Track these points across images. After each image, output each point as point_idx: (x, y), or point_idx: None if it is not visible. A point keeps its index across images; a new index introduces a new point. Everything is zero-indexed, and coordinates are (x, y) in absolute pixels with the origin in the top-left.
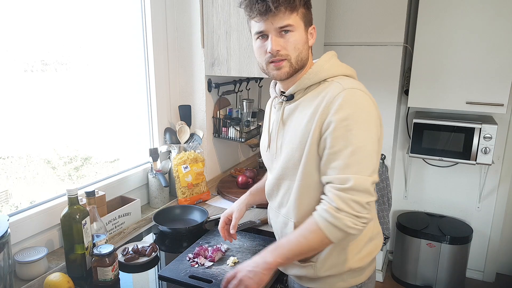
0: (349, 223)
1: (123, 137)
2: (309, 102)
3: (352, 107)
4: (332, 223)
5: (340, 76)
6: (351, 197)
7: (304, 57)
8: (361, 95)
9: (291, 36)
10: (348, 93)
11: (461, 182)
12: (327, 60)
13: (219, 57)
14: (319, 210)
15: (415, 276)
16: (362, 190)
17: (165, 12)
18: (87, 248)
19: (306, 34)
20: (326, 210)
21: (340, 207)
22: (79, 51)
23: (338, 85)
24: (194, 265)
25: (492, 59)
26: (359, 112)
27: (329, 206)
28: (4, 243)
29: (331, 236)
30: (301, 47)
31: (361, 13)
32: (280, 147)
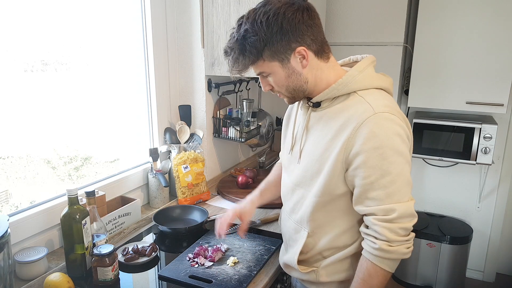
0: (404, 250)
1: (123, 137)
2: (336, 114)
3: (384, 134)
4: (391, 258)
5: (372, 90)
6: (399, 225)
7: (298, 85)
8: (392, 118)
9: (270, 78)
10: (379, 118)
11: (461, 182)
12: (362, 70)
13: (219, 57)
14: (370, 250)
15: (415, 276)
16: (407, 216)
17: (165, 12)
18: (87, 248)
19: (286, 68)
20: (380, 249)
21: (392, 239)
22: (79, 51)
23: (368, 107)
24: (194, 265)
25: (492, 59)
26: (392, 138)
27: (380, 242)
28: (4, 243)
29: (393, 269)
30: (285, 83)
31: (361, 13)
32: (301, 152)
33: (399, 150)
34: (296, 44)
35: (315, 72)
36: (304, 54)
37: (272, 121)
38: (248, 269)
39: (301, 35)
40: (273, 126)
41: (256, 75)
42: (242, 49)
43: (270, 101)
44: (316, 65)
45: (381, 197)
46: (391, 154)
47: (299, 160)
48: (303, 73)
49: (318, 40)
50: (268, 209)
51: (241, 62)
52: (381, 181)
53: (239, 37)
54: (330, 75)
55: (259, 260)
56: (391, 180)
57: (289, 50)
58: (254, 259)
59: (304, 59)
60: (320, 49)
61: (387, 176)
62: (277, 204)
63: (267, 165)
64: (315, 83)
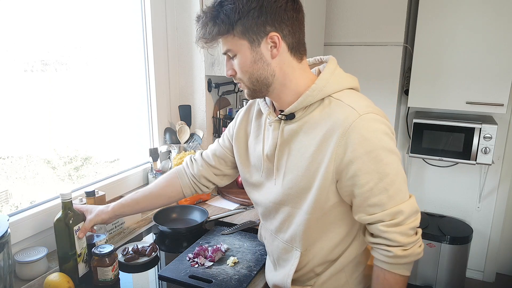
0: (418, 250)
1: (123, 137)
2: (315, 123)
3: (374, 136)
4: (407, 262)
5: (346, 91)
6: (408, 226)
7: (262, 75)
8: (377, 119)
9: (235, 59)
10: (366, 120)
11: (461, 182)
12: (332, 71)
13: (219, 57)
14: (385, 259)
15: (415, 276)
16: (414, 214)
17: (165, 12)
18: (79, 255)
19: (254, 52)
20: (396, 256)
21: (405, 242)
22: (79, 51)
23: (350, 110)
24: (194, 265)
25: (492, 59)
26: (382, 138)
27: (395, 249)
28: (4, 243)
29: (410, 271)
30: (250, 69)
31: (361, 13)
32: (279, 171)
33: (391, 149)
34: (271, 28)
35: (285, 68)
36: (277, 42)
37: None
38: (248, 269)
39: (279, 22)
40: None
41: (222, 53)
42: (214, 16)
43: None
44: (288, 61)
45: (384, 201)
46: (385, 154)
47: (279, 177)
48: (271, 63)
49: (296, 36)
50: None
51: (209, 29)
52: (381, 184)
53: (215, 3)
54: (301, 77)
55: (259, 260)
56: (390, 181)
57: (262, 32)
58: (254, 259)
59: (275, 48)
60: (296, 46)
61: (385, 178)
62: None
63: None
64: (282, 82)
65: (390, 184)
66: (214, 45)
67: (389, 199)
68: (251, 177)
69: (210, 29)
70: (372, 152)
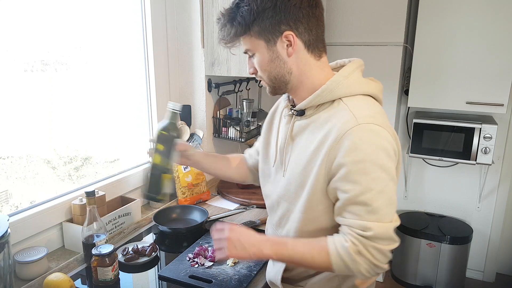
0: (363, 270)
1: (123, 137)
2: (321, 124)
3: (367, 147)
4: (346, 264)
5: (359, 97)
6: (374, 244)
7: (280, 73)
8: (377, 130)
9: (254, 58)
10: (362, 130)
11: (461, 182)
12: (347, 75)
13: (219, 57)
14: (339, 243)
15: (415, 276)
16: (385, 239)
17: (165, 12)
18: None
19: (271, 51)
20: (347, 249)
21: (362, 251)
22: (79, 51)
23: (351, 117)
24: (194, 265)
25: (492, 59)
26: (376, 152)
27: (351, 245)
28: (4, 243)
29: (337, 271)
30: (268, 67)
31: (361, 13)
32: (286, 165)
33: (383, 166)
34: (285, 27)
35: (302, 65)
36: (292, 40)
37: None
38: (248, 269)
39: (294, 20)
40: None
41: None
42: (232, 18)
43: (270, 101)
44: (305, 58)
45: (360, 213)
46: (374, 169)
47: (284, 172)
48: (287, 61)
49: (313, 33)
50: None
51: (227, 31)
52: (361, 198)
53: (233, 5)
54: (318, 75)
55: (259, 260)
56: (372, 197)
57: (277, 31)
58: None
59: (290, 46)
60: (313, 43)
61: (367, 193)
62: None
63: None
64: (299, 79)
65: (371, 200)
66: (236, 45)
67: (365, 213)
68: (266, 168)
69: (228, 30)
70: (361, 163)
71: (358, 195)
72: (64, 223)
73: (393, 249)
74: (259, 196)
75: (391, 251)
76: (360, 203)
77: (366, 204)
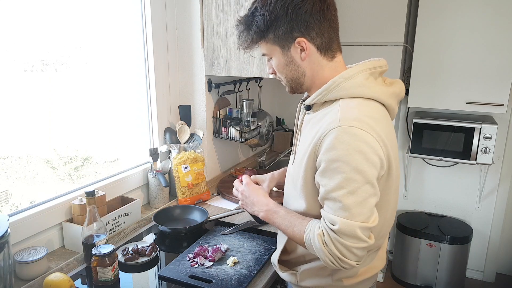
0: (326, 260)
1: (123, 137)
2: (317, 121)
3: (343, 148)
4: (314, 249)
5: (357, 100)
6: (338, 238)
7: (295, 75)
8: (358, 134)
9: (272, 61)
10: (342, 131)
11: (461, 182)
12: (349, 76)
13: (219, 57)
14: (314, 228)
15: (415, 276)
16: (349, 236)
17: (165, 12)
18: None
19: (286, 56)
20: (317, 235)
21: (328, 242)
22: (79, 51)
23: (336, 118)
24: (194, 265)
25: (492, 59)
26: (351, 154)
27: (320, 233)
28: (4, 243)
29: (310, 251)
30: (284, 70)
31: (361, 13)
32: (295, 153)
33: (357, 168)
34: (298, 34)
35: (315, 67)
36: (304, 46)
37: (272, 121)
38: (248, 269)
39: (305, 27)
40: (273, 126)
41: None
42: (248, 26)
43: (270, 101)
44: (317, 60)
45: (332, 207)
46: (347, 170)
47: (293, 161)
48: (301, 65)
49: (325, 36)
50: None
51: (245, 38)
52: (333, 194)
53: (249, 13)
54: (330, 75)
55: (259, 260)
56: (342, 195)
57: (290, 38)
58: (254, 259)
59: (303, 52)
60: (326, 46)
61: (338, 190)
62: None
63: (267, 165)
64: (312, 80)
65: (341, 197)
66: (255, 48)
67: (336, 209)
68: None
69: (246, 38)
70: (335, 162)
71: (330, 190)
72: (64, 223)
73: (362, 248)
74: None
75: (360, 250)
76: (332, 198)
77: (337, 201)
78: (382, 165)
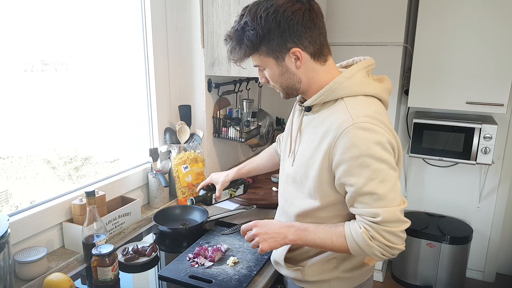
0: (377, 253)
1: (123, 137)
2: (321, 121)
3: (363, 144)
4: (362, 248)
5: (360, 98)
6: (384, 228)
7: (290, 83)
8: (371, 128)
9: (266, 72)
10: (357, 128)
11: (461, 182)
12: (350, 76)
13: (219, 57)
14: (354, 229)
15: (415, 276)
16: (393, 221)
17: (165, 12)
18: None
19: (280, 66)
20: (361, 234)
21: (374, 236)
22: (79, 51)
23: (347, 117)
24: (194, 265)
25: (492, 59)
26: (371, 147)
27: (364, 231)
28: (4, 243)
29: (355, 254)
30: (279, 79)
31: (361, 13)
32: (295, 154)
33: (381, 158)
34: (291, 45)
35: (310, 73)
36: (299, 55)
37: (272, 121)
38: (248, 269)
39: (298, 36)
40: (273, 126)
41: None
42: (239, 40)
43: (270, 101)
44: (311, 67)
45: (369, 202)
46: (372, 162)
47: (293, 162)
48: (297, 73)
49: (317, 42)
50: (268, 210)
51: (237, 52)
52: (366, 188)
53: (238, 27)
54: (325, 78)
55: (259, 260)
56: (376, 186)
57: (284, 49)
58: (254, 259)
59: (298, 60)
60: (318, 52)
61: (370, 183)
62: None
63: None
64: (308, 85)
65: (375, 189)
66: (245, 62)
67: (372, 201)
68: (283, 156)
69: (238, 53)
70: (359, 158)
71: (362, 186)
72: (64, 223)
73: (404, 230)
74: (259, 196)
75: (403, 232)
76: (366, 193)
77: (372, 193)
78: (395, 152)
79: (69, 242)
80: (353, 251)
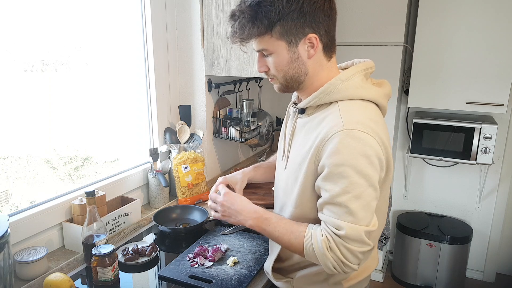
0: (329, 265)
1: (123, 137)
2: (315, 124)
3: (348, 152)
4: (317, 255)
5: (355, 102)
6: (345, 244)
7: (296, 74)
8: (361, 137)
9: (270, 58)
10: (346, 135)
11: (461, 182)
12: (346, 78)
13: (219, 57)
14: (316, 234)
15: (415, 276)
16: (356, 240)
17: (165, 12)
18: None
19: (292, 52)
20: (321, 241)
21: (333, 248)
22: (79, 51)
23: (338, 121)
24: (194, 265)
25: (492, 59)
26: (356, 158)
27: (325, 239)
28: (4, 243)
29: (307, 258)
30: (285, 67)
31: (361, 13)
32: (288, 158)
33: (362, 172)
34: (309, 30)
35: (316, 67)
36: (315, 42)
37: (272, 121)
38: (248, 269)
39: (317, 22)
40: (273, 126)
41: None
42: (253, 16)
43: (270, 101)
44: (320, 60)
45: (338, 213)
46: (352, 174)
47: (286, 166)
48: (306, 63)
49: (331, 34)
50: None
51: (247, 29)
52: (338, 199)
53: (253, 2)
54: (326, 76)
55: (259, 260)
56: (348, 200)
57: (301, 33)
58: (254, 259)
59: (312, 48)
60: (329, 44)
61: (344, 195)
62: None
63: None
64: (311, 80)
65: (346, 202)
66: (249, 42)
67: (341, 213)
68: (278, 160)
69: (249, 30)
70: (340, 166)
71: (336, 196)
72: (64, 223)
73: (365, 252)
74: (259, 196)
75: (363, 253)
76: (337, 203)
77: (342, 205)
78: (382, 167)
79: (69, 242)
80: (306, 255)
